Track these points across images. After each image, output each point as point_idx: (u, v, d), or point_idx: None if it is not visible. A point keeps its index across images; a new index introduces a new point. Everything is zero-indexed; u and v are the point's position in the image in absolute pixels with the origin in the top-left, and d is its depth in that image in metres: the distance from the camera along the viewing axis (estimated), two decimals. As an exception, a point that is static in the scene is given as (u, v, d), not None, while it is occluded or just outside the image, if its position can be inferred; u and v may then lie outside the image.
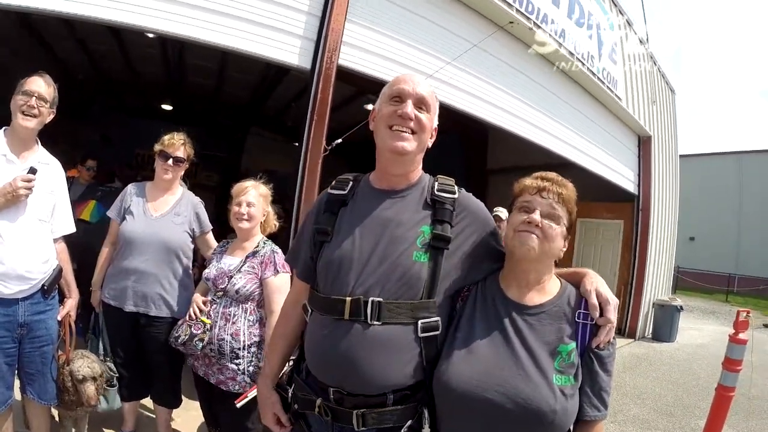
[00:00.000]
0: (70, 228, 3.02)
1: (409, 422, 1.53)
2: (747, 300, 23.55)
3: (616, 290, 11.52)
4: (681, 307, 11.44)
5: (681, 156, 13.24)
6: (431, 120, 1.68)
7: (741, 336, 4.07)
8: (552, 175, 1.60)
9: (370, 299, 1.52)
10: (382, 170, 1.73)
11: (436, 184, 1.71)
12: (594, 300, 1.49)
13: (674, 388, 7.37)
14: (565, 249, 1.57)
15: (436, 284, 1.56)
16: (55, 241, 2.88)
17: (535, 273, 1.55)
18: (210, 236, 3.52)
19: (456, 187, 1.71)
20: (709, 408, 4.17)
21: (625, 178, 10.76)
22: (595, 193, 10.97)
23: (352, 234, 1.64)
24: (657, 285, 12.15)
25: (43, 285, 2.71)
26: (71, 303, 2.99)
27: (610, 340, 1.49)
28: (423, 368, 1.55)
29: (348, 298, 1.54)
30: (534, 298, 1.54)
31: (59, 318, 2.87)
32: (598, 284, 1.54)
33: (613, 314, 1.48)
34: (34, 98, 2.60)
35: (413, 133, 1.62)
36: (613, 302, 1.50)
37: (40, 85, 2.65)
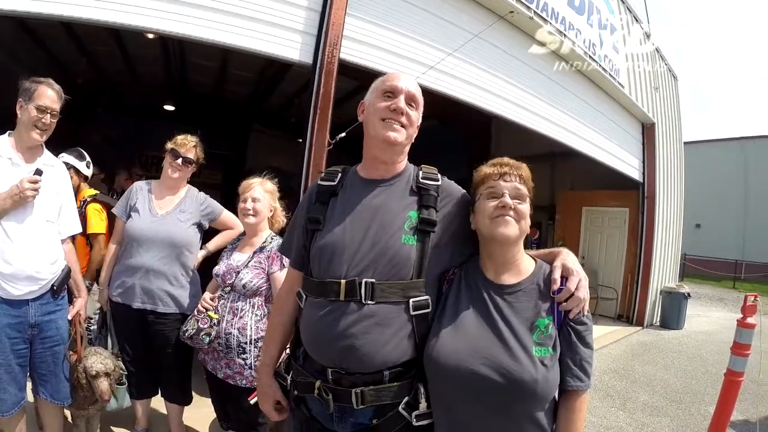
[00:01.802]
0: (77, 228, 3.05)
1: (406, 398, 1.62)
2: (755, 286, 23.40)
3: (623, 278, 11.54)
4: (688, 294, 11.41)
5: (685, 143, 13.20)
6: (418, 117, 1.82)
7: (749, 320, 4.07)
8: (507, 159, 1.70)
9: (364, 280, 1.62)
10: (371, 159, 1.83)
11: (421, 172, 1.82)
12: (556, 274, 1.59)
13: (683, 375, 7.36)
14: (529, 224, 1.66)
15: (424, 265, 1.66)
16: (63, 242, 2.90)
17: (510, 253, 1.64)
18: (225, 215, 3.55)
19: (439, 175, 1.83)
20: (719, 394, 4.17)
21: (630, 166, 10.73)
22: (600, 181, 10.98)
23: (343, 221, 1.74)
24: (664, 272, 12.13)
25: (52, 285, 2.73)
26: (80, 302, 3.01)
27: (583, 311, 1.58)
28: (416, 345, 1.65)
29: (343, 281, 1.63)
30: (510, 278, 1.64)
31: (69, 317, 2.89)
32: (566, 260, 1.64)
33: (574, 284, 1.57)
34: (48, 115, 2.64)
35: (403, 126, 1.74)
36: (577, 274, 1.59)
37: (54, 100, 2.68)
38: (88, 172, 3.32)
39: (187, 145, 3.37)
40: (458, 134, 11.74)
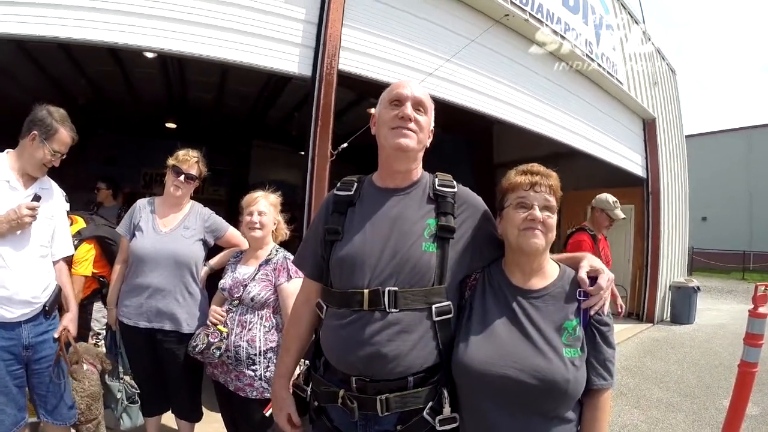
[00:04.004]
0: (69, 251, 3.05)
1: (430, 404, 1.63)
2: (763, 276, 23.25)
3: (632, 275, 11.48)
4: (698, 288, 11.36)
5: (687, 136, 13.18)
6: (428, 122, 1.81)
7: (761, 310, 4.04)
8: (537, 167, 1.70)
9: (387, 289, 1.63)
10: (386, 169, 1.83)
11: (437, 180, 1.83)
12: (583, 274, 1.62)
13: (696, 370, 7.33)
14: None
15: (445, 271, 1.67)
16: (55, 262, 2.91)
17: (537, 262, 1.67)
18: (231, 233, 3.50)
19: (454, 182, 1.84)
20: (733, 386, 4.15)
21: (633, 162, 10.74)
22: (604, 180, 10.93)
23: (362, 231, 1.74)
24: (672, 267, 12.08)
25: (44, 306, 2.73)
26: (67, 317, 2.94)
27: (606, 310, 1.62)
28: (439, 351, 1.65)
29: (366, 290, 1.64)
30: (537, 283, 1.67)
31: (56, 335, 2.81)
32: (592, 261, 1.68)
33: (604, 281, 1.61)
34: (59, 156, 2.70)
35: (413, 132, 1.73)
36: (606, 273, 1.64)
37: (69, 144, 2.76)
38: (67, 206, 3.32)
39: (189, 161, 3.35)
40: (459, 141, 11.76)
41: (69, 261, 3.15)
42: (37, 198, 2.62)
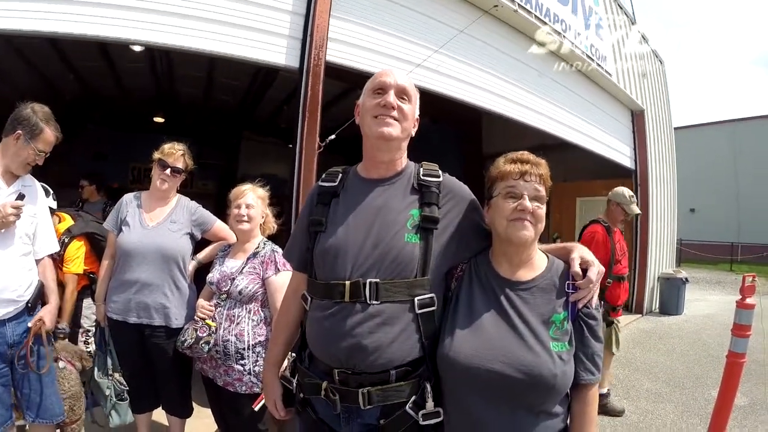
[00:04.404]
0: (54, 247, 3.03)
1: (413, 398, 1.61)
2: (751, 267, 23.46)
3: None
4: (686, 279, 11.44)
5: (676, 128, 13.22)
6: (413, 110, 1.79)
7: (748, 301, 4.06)
8: (527, 155, 1.66)
9: (368, 281, 1.62)
10: (370, 159, 1.82)
11: (421, 170, 1.81)
12: (576, 267, 1.60)
13: (685, 360, 7.39)
14: None
15: (428, 262, 1.65)
16: (40, 260, 2.89)
17: (526, 253, 1.65)
18: (218, 226, 3.49)
19: (440, 171, 1.82)
20: (721, 377, 4.17)
21: (621, 154, 10.77)
22: (592, 171, 10.98)
23: (345, 222, 1.74)
24: (661, 259, 12.14)
25: (27, 303, 2.71)
26: (45, 309, 2.84)
27: (594, 303, 1.61)
28: (422, 344, 1.64)
29: (347, 282, 1.64)
30: (525, 275, 1.64)
31: (29, 324, 2.72)
32: (583, 252, 1.65)
33: (594, 274, 1.58)
34: (43, 155, 2.70)
35: (397, 120, 1.72)
36: (596, 266, 1.61)
37: (53, 143, 2.75)
38: (54, 204, 3.30)
39: (175, 154, 3.33)
40: (448, 131, 11.75)
41: (53, 257, 3.11)
42: (21, 196, 2.61)
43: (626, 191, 5.32)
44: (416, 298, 1.62)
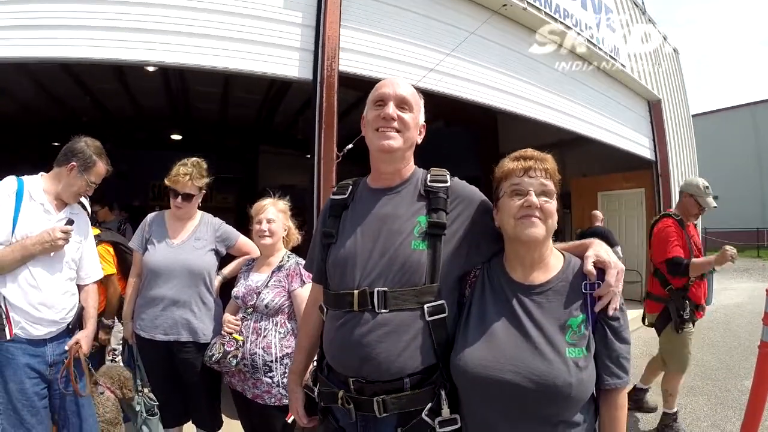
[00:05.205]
0: (98, 275, 3.10)
1: (429, 405, 1.59)
2: (779, 252, 23.14)
3: (646, 259, 11.38)
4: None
5: (694, 116, 13.05)
6: (415, 118, 1.78)
7: (779, 287, 3.99)
8: (530, 152, 1.62)
9: (376, 289, 1.62)
10: (375, 170, 1.84)
11: (429, 176, 1.79)
12: (589, 266, 1.51)
13: (716, 351, 7.28)
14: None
15: (437, 269, 1.63)
16: (84, 285, 2.96)
17: (538, 252, 1.57)
18: (242, 242, 3.53)
19: (448, 176, 1.79)
20: (754, 367, 4.10)
21: (640, 145, 10.64)
22: (612, 164, 10.86)
23: (354, 233, 1.75)
24: (686, 249, 11.91)
25: (68, 325, 2.77)
26: (81, 333, 2.89)
27: (617, 306, 1.50)
28: (434, 351, 1.62)
29: (355, 291, 1.64)
30: (539, 277, 1.56)
31: (66, 347, 2.76)
32: (598, 251, 1.56)
33: (613, 277, 1.49)
34: (93, 186, 2.84)
35: (398, 131, 1.72)
36: (615, 266, 1.52)
37: (104, 174, 2.92)
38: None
39: (181, 181, 3.33)
40: (465, 133, 11.73)
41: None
42: (70, 222, 2.69)
43: (701, 181, 4.72)
44: (426, 306, 1.60)
